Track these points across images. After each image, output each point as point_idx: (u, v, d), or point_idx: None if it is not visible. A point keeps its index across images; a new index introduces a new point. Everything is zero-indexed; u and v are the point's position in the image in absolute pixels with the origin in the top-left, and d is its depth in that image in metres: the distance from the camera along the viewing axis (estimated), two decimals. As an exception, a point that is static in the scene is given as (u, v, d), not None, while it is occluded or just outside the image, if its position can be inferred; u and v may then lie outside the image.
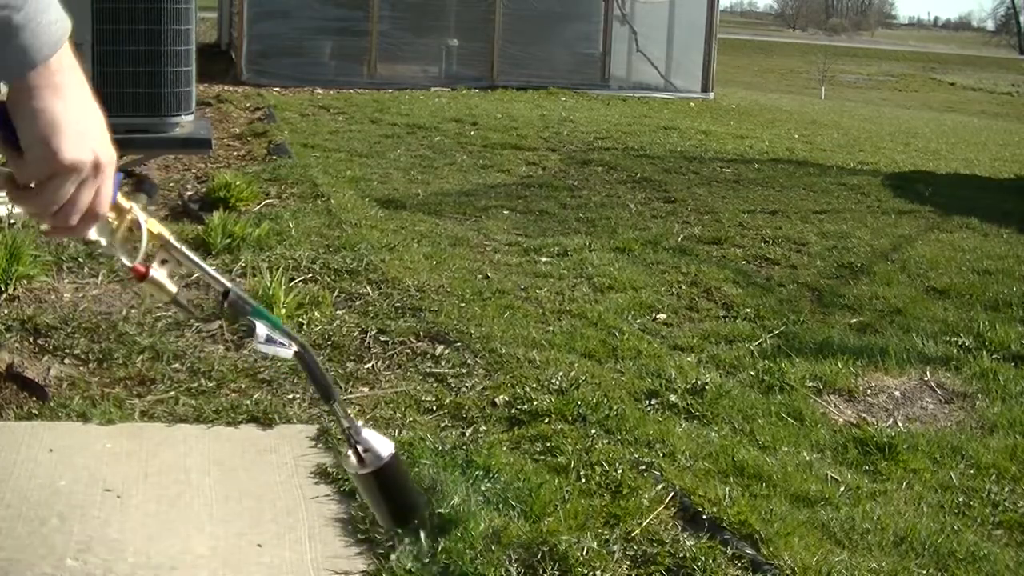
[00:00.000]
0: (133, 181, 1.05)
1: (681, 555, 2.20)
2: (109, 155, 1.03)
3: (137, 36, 5.42)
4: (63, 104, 0.98)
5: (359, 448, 1.36)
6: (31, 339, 3.17)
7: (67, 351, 3.11)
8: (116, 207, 1.12)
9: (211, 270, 1.22)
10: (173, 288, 1.19)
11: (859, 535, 2.42)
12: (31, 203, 1.01)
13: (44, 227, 1.04)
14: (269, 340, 1.25)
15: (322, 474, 2.53)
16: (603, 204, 5.95)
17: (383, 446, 1.37)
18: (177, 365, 3.09)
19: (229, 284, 1.24)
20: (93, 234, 1.10)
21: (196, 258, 1.20)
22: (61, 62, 0.98)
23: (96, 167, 1.01)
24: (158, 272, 1.17)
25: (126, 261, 1.15)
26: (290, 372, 3.09)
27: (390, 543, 2.21)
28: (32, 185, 0.99)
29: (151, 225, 1.16)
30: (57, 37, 0.98)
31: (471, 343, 3.32)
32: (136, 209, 1.13)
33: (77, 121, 0.99)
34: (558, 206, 5.82)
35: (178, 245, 1.19)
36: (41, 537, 2.16)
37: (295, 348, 1.27)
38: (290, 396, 2.95)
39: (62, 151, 0.98)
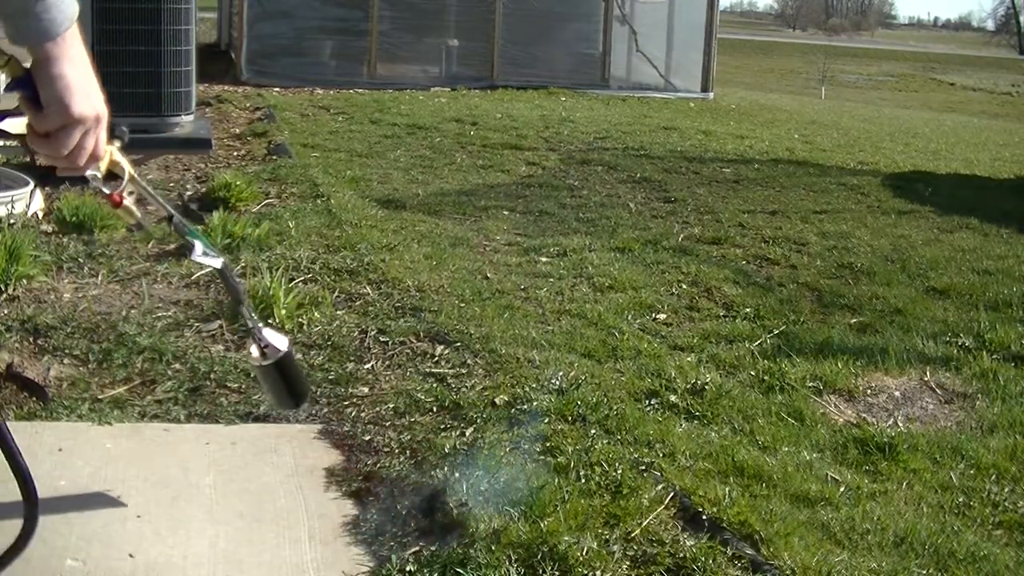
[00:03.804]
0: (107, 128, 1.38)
1: (681, 555, 2.19)
2: (104, 110, 1.31)
3: (137, 36, 5.42)
4: (74, 70, 1.25)
5: (262, 345, 1.64)
6: (31, 339, 3.17)
7: (67, 351, 3.11)
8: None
9: (161, 199, 1.55)
10: (139, 214, 1.50)
11: (859, 535, 2.42)
12: (48, 148, 1.29)
13: (59, 167, 1.32)
14: (205, 254, 1.57)
15: (322, 474, 2.53)
16: (603, 204, 5.95)
17: (281, 342, 1.65)
18: (177, 365, 3.09)
19: (173, 211, 1.56)
20: (90, 171, 1.37)
21: (151, 190, 1.53)
22: (73, 35, 1.25)
23: (96, 119, 1.29)
24: (128, 200, 1.48)
25: (106, 191, 1.44)
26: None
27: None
28: (48, 134, 1.27)
29: (127, 164, 1.45)
30: (72, 14, 1.25)
31: (471, 343, 3.31)
32: (115, 151, 1.41)
33: (83, 84, 1.27)
34: (558, 206, 5.82)
35: (140, 180, 1.49)
36: (41, 537, 2.16)
37: (221, 261, 1.61)
38: (290, 396, 2.95)
39: (73, 107, 1.25)
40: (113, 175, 1.43)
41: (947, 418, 3.33)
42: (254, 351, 1.65)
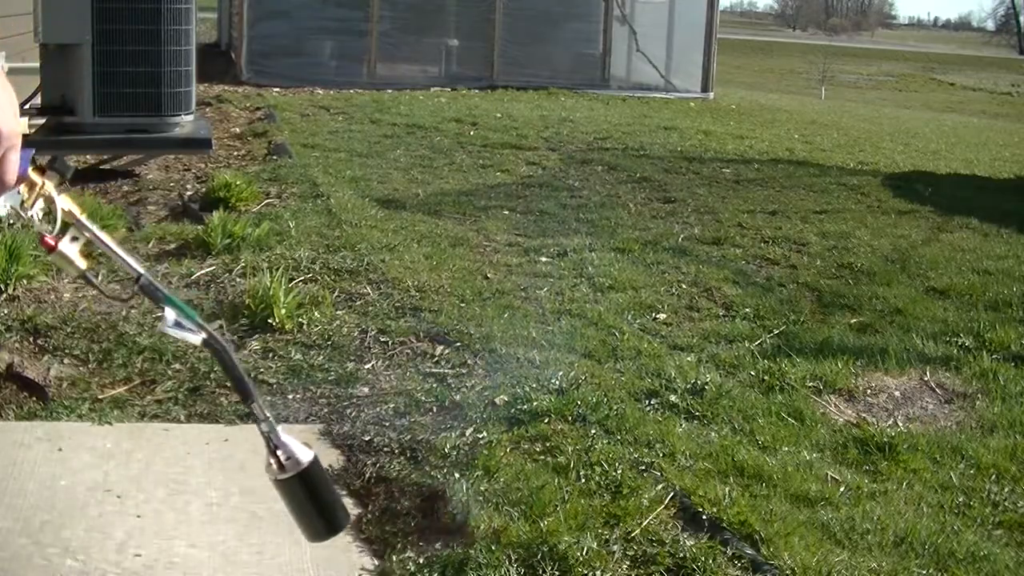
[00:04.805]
0: (47, 159, 1.14)
1: (681, 555, 2.19)
2: (10, 129, 1.10)
3: (137, 36, 5.41)
4: None
5: (279, 454, 1.34)
6: (31, 339, 3.17)
7: (67, 351, 3.11)
8: (28, 182, 1.21)
9: (123, 253, 1.29)
10: (81, 264, 1.26)
11: (859, 535, 2.42)
12: None
13: None
14: (177, 325, 1.33)
15: (322, 474, 2.53)
16: (603, 204, 5.94)
17: (303, 453, 1.34)
18: (177, 365, 3.09)
19: (141, 270, 1.30)
20: (3, 202, 1.17)
21: (108, 240, 1.27)
22: None
23: None
24: (68, 247, 1.24)
25: (40, 230, 1.22)
26: (289, 373, 3.09)
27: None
28: None
29: (63, 202, 1.23)
30: None
31: (471, 343, 3.32)
32: (49, 186, 1.20)
33: None
34: (558, 206, 5.82)
35: (89, 225, 1.25)
36: (42, 537, 2.16)
37: (203, 336, 1.34)
38: (290, 396, 2.95)
39: None
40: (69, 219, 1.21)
41: (947, 418, 3.33)
42: (272, 463, 1.35)
